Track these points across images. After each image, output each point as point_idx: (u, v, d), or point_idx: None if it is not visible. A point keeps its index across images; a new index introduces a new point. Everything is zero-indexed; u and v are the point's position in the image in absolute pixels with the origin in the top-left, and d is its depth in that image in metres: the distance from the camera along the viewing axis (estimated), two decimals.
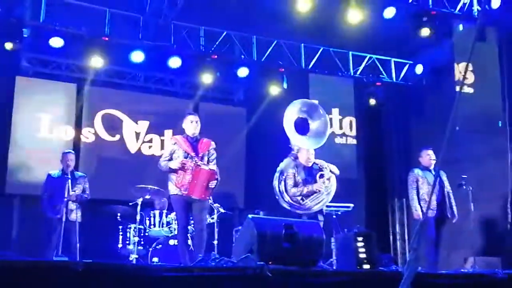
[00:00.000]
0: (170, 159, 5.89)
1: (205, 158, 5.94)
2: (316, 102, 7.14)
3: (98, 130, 9.65)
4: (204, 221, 6.06)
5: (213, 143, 6.14)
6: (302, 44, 9.97)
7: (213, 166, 5.89)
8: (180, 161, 5.74)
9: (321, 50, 10.00)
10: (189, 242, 6.76)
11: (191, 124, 5.98)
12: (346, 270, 5.24)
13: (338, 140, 9.89)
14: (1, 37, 8.04)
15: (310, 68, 10.00)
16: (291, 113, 6.30)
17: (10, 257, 3.99)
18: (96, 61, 8.70)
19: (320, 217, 6.35)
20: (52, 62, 9.49)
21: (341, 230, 7.07)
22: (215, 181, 5.77)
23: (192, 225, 6.69)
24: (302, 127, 6.40)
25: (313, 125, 6.45)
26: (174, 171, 5.78)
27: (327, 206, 6.70)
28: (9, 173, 8.74)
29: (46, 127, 9.20)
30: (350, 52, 10.23)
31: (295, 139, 6.36)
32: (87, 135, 9.53)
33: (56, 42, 8.48)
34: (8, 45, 8.05)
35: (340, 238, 6.46)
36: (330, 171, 6.47)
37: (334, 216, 7.21)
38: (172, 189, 5.86)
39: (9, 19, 8.07)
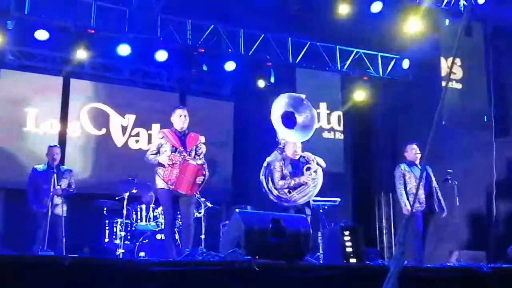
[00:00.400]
0: (157, 153, 5.83)
1: (193, 153, 5.88)
2: (303, 96, 7.13)
3: (84, 124, 9.59)
4: (192, 216, 6.03)
5: (201, 137, 6.11)
6: (290, 38, 9.95)
7: (200, 160, 5.84)
8: (169, 156, 5.70)
9: (308, 44, 9.99)
10: (176, 236, 6.75)
11: (180, 118, 5.91)
12: (333, 264, 5.25)
13: (326, 134, 9.90)
14: None
15: (297, 63, 9.99)
16: (278, 107, 6.33)
17: None
18: (82, 54, 8.63)
19: (308, 211, 6.38)
20: (38, 55, 9.41)
21: (328, 224, 7.10)
22: (203, 177, 5.74)
23: (179, 220, 6.67)
24: (289, 120, 6.44)
25: (300, 118, 6.49)
26: (162, 165, 5.73)
27: (314, 201, 6.73)
28: None
29: (32, 121, 9.14)
30: (337, 47, 10.23)
31: (282, 133, 6.41)
32: (73, 129, 9.46)
33: (42, 34, 8.37)
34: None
35: (327, 232, 6.48)
36: (317, 163, 6.50)
37: (321, 211, 7.24)
38: (159, 183, 5.80)
39: None
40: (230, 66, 9.61)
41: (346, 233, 5.62)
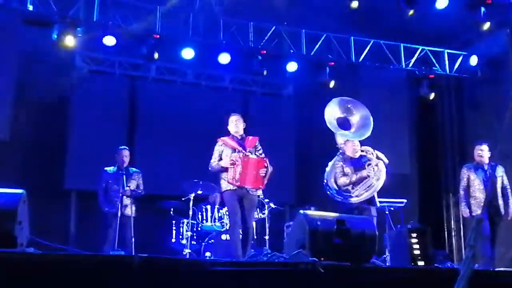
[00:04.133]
0: (220, 159, 6.03)
1: (253, 154, 6.06)
2: (349, 98, 7.05)
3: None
4: (252, 219, 6.20)
5: (258, 138, 6.26)
6: (352, 37, 9.84)
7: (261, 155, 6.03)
8: (229, 158, 5.88)
9: (371, 43, 9.85)
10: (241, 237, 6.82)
11: (233, 124, 6.17)
12: (400, 266, 5.15)
13: (391, 134, 9.70)
14: (56, 36, 8.29)
15: (360, 62, 9.86)
16: (330, 115, 6.53)
17: (69, 251, 4.12)
18: (149, 59, 8.86)
19: (373, 212, 6.31)
20: (106, 60, 9.74)
21: (394, 226, 6.97)
22: (265, 169, 5.85)
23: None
24: (344, 124, 6.59)
25: (354, 119, 6.61)
26: (225, 169, 5.91)
27: (380, 202, 6.64)
28: (66, 170, 9.02)
29: (102, 124, 9.44)
30: (402, 44, 10.03)
31: (342, 136, 6.50)
32: (141, 131, 9.71)
33: (109, 40, 8.67)
34: (69, 42, 8.25)
35: (394, 234, 6.37)
36: (377, 157, 6.45)
37: (387, 212, 7.12)
38: (224, 186, 5.98)
39: (64, 19, 8.31)
40: (292, 66, 9.59)
41: (414, 235, 5.52)
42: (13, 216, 3.48)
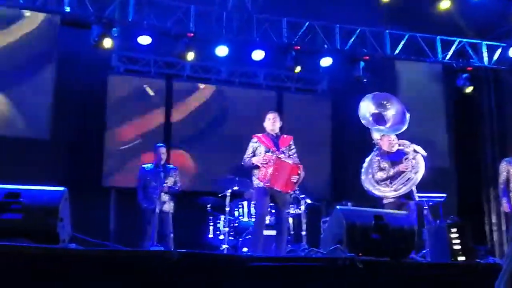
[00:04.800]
0: (253, 156, 6.06)
1: (287, 153, 6.06)
2: (382, 93, 6.95)
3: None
4: (286, 215, 6.23)
5: (292, 137, 6.26)
6: (387, 31, 9.72)
7: (295, 160, 5.99)
8: (263, 157, 5.90)
9: (407, 36, 9.71)
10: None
11: (269, 121, 6.18)
12: (440, 262, 5.08)
13: (428, 128, 9.54)
14: (94, 37, 8.44)
15: (396, 55, 9.74)
16: (364, 112, 6.43)
17: (110, 247, 4.20)
18: (183, 57, 8.94)
19: (412, 207, 6.23)
20: (141, 60, 9.86)
21: (434, 221, 6.86)
22: (297, 176, 5.83)
23: (272, 217, 6.92)
24: (379, 120, 6.50)
25: (389, 114, 6.51)
26: (257, 166, 5.94)
27: (419, 197, 6.55)
28: (105, 168, 9.17)
29: (138, 122, 9.57)
30: (438, 37, 9.86)
31: (377, 131, 6.46)
32: (177, 129, 9.80)
33: (144, 39, 8.78)
34: (106, 43, 8.41)
35: (433, 229, 6.25)
36: (414, 150, 6.36)
37: (426, 207, 7.00)
38: (256, 183, 6.03)
39: (100, 19, 8.45)
40: (326, 61, 9.55)
41: (453, 230, 5.41)
42: (55, 213, 3.56)
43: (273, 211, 6.82)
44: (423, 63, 9.87)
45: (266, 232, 7.42)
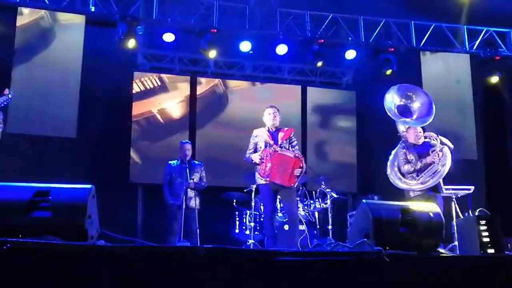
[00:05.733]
0: (255, 151, 6.10)
1: (287, 146, 6.04)
2: (407, 85, 6.86)
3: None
4: (295, 210, 6.22)
5: (293, 130, 6.25)
6: (412, 22, 9.60)
7: (296, 152, 5.96)
8: (260, 153, 5.92)
9: (432, 26, 9.57)
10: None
11: (269, 116, 6.19)
12: (469, 255, 5.00)
13: (456, 120, 9.41)
14: (119, 35, 8.53)
15: (421, 46, 9.62)
16: (390, 104, 6.38)
17: (138, 243, 4.24)
18: (207, 54, 8.98)
19: (440, 200, 6.16)
20: (166, 57, 9.93)
21: (462, 214, 6.77)
22: (300, 169, 5.79)
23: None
24: (405, 112, 6.44)
25: (415, 106, 6.45)
26: (258, 163, 5.94)
27: (446, 189, 6.47)
28: (131, 164, 9.28)
29: (163, 118, 9.64)
30: (465, 26, 9.70)
31: (403, 123, 6.40)
32: (202, 125, 9.85)
33: (169, 37, 8.85)
34: (131, 43, 8.51)
35: (461, 222, 6.17)
36: (441, 142, 6.27)
37: (454, 199, 6.92)
38: (258, 179, 6.04)
39: (125, 18, 8.54)
40: (350, 54, 9.49)
41: (482, 222, 5.32)
42: (83, 210, 3.60)
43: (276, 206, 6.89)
44: (450, 53, 9.73)
45: (286, 227, 7.47)
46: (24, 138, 7.98)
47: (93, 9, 8.58)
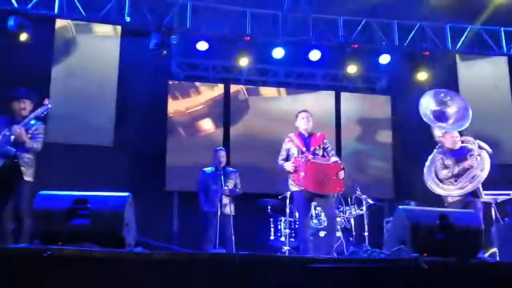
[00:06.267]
0: (287, 157, 6.00)
1: (320, 152, 5.94)
2: (443, 90, 6.74)
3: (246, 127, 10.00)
4: (333, 207, 6.15)
5: (325, 135, 6.13)
6: (448, 25, 9.47)
7: (334, 158, 5.84)
8: (292, 161, 5.81)
9: (468, 29, 9.41)
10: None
11: (302, 120, 6.10)
12: (509, 261, 4.88)
13: (494, 124, 9.21)
14: (153, 45, 8.67)
15: (457, 49, 9.46)
16: (425, 109, 6.30)
17: (174, 250, 4.29)
18: (241, 61, 9.04)
19: (479, 205, 6.02)
20: (200, 65, 10.03)
21: (502, 219, 6.62)
22: (343, 171, 5.68)
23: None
24: (441, 117, 6.34)
25: (451, 111, 6.36)
26: (291, 172, 5.85)
27: (486, 194, 6.33)
28: (167, 172, 9.37)
29: (197, 126, 9.72)
30: (502, 28, 9.50)
31: (439, 128, 6.30)
32: (236, 132, 9.90)
33: (202, 45, 8.94)
34: (163, 52, 8.67)
35: (502, 228, 6.04)
36: (479, 147, 6.15)
37: (493, 205, 6.77)
38: (291, 186, 5.96)
39: (159, 28, 8.68)
40: (384, 59, 9.40)
41: None
42: (120, 218, 3.66)
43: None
44: (487, 56, 9.55)
45: (322, 234, 7.43)
46: (63, 147, 8.16)
47: (128, 19, 8.75)
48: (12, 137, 5.42)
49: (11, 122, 5.56)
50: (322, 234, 7.47)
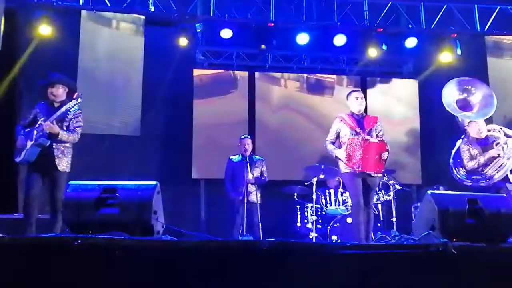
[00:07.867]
0: (337, 138, 5.89)
1: (374, 134, 5.82)
2: (466, 78, 6.58)
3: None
4: (372, 200, 5.98)
5: (379, 118, 6.01)
6: (476, 5, 9.25)
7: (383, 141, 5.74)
8: (344, 149, 5.67)
9: (497, 9, 9.19)
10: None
11: (356, 101, 5.90)
12: None
13: None
14: (178, 34, 8.69)
15: (486, 30, 9.26)
16: (448, 98, 6.18)
17: (202, 238, 4.32)
18: (264, 48, 9.01)
19: (510, 187, 5.90)
20: (224, 53, 10.02)
21: None
22: (387, 152, 5.60)
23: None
24: (465, 105, 6.22)
25: (475, 99, 6.23)
26: (342, 160, 5.71)
27: None
28: (194, 160, 9.43)
29: (223, 114, 9.73)
30: None
31: (463, 117, 6.19)
32: (261, 119, 9.89)
33: (226, 33, 8.92)
34: (183, 41, 8.70)
35: None
36: (505, 134, 6.02)
37: None
38: (343, 168, 5.81)
39: (183, 16, 8.69)
40: (411, 42, 9.25)
41: None
42: (149, 207, 3.71)
43: None
44: None
45: (349, 220, 7.39)
46: (92, 137, 8.25)
47: (152, 9, 8.78)
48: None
49: (48, 109, 5.60)
50: (349, 220, 7.45)
